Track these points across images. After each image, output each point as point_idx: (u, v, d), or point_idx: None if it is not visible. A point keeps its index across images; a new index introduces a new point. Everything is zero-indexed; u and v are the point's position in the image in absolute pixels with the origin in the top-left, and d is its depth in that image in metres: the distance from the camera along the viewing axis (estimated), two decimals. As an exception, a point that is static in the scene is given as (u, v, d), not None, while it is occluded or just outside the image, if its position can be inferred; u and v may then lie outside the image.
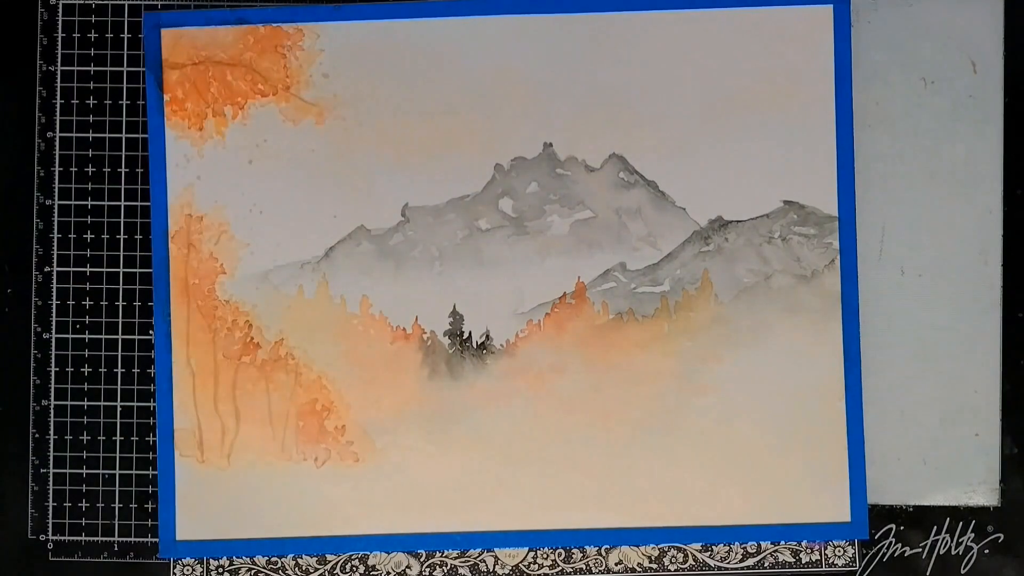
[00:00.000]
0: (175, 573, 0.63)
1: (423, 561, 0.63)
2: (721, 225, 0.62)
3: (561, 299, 0.62)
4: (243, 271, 0.62)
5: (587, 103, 0.62)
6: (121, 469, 0.64)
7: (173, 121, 0.62)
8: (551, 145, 0.62)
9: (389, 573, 0.63)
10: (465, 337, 0.62)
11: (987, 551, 0.63)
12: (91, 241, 0.64)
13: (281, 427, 0.62)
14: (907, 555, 0.63)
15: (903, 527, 0.63)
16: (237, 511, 0.62)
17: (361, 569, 0.63)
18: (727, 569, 0.63)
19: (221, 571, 0.63)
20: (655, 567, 0.63)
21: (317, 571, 0.63)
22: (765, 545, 0.62)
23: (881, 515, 0.63)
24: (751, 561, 0.63)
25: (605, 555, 0.63)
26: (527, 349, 0.62)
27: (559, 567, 0.63)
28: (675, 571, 0.63)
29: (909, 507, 0.63)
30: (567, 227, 0.62)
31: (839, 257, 0.62)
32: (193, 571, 0.63)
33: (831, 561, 0.63)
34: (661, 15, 0.62)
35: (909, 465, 0.62)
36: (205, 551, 0.62)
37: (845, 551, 0.63)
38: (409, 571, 0.63)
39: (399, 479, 0.62)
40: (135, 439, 0.64)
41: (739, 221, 0.62)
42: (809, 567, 0.63)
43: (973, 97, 0.62)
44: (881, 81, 0.62)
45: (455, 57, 0.62)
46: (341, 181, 0.62)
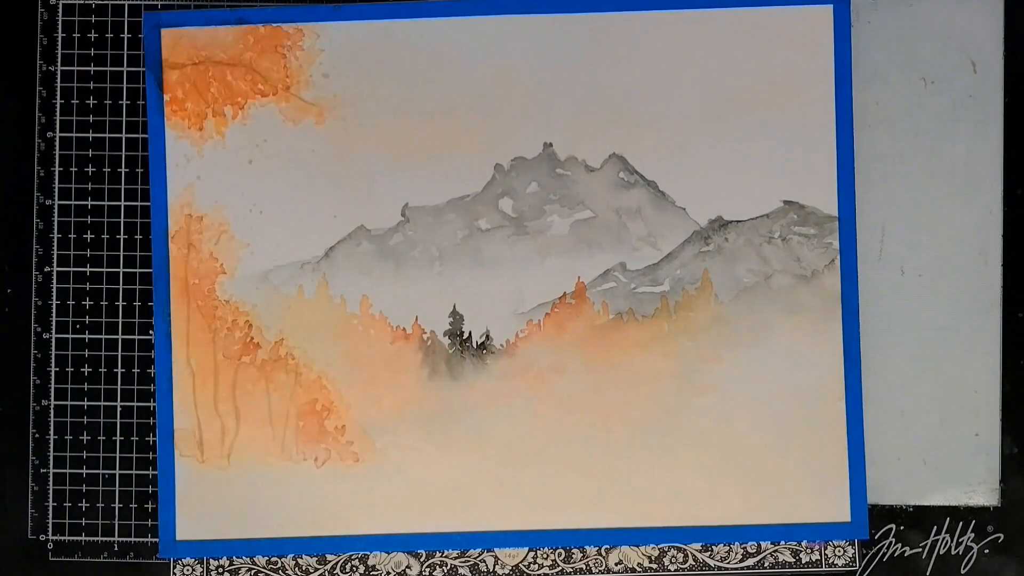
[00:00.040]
0: (175, 573, 0.63)
1: (423, 561, 0.63)
2: (721, 225, 0.62)
3: (561, 299, 0.62)
4: (243, 271, 0.62)
5: (587, 103, 0.62)
6: (121, 469, 0.64)
7: (173, 121, 0.62)
8: (551, 145, 0.62)
9: (389, 573, 0.63)
10: (465, 337, 0.62)
11: (987, 551, 0.63)
12: (91, 241, 0.64)
13: (281, 427, 0.62)
14: (907, 555, 0.63)
15: (903, 527, 0.63)
16: (237, 511, 0.62)
17: (361, 569, 0.63)
18: (727, 569, 0.63)
19: (221, 571, 0.63)
20: (655, 567, 0.63)
21: (317, 571, 0.63)
22: (765, 545, 0.62)
23: (881, 515, 0.63)
24: (751, 561, 0.63)
25: (605, 555, 0.63)
26: (527, 349, 0.62)
27: (559, 567, 0.63)
28: (675, 571, 0.63)
29: (909, 507, 0.63)
30: (567, 227, 0.62)
31: (839, 257, 0.62)
32: (193, 571, 0.63)
33: (831, 561, 0.63)
34: (661, 15, 0.62)
35: (909, 465, 0.62)
36: (205, 551, 0.62)
37: (845, 551, 0.63)
38: (409, 571, 0.63)
39: (399, 479, 0.62)
40: (135, 439, 0.64)
41: (739, 221, 0.62)
42: (809, 567, 0.63)
43: (973, 97, 0.62)
44: (881, 81, 0.62)
45: (455, 57, 0.62)
46: (341, 181, 0.62)
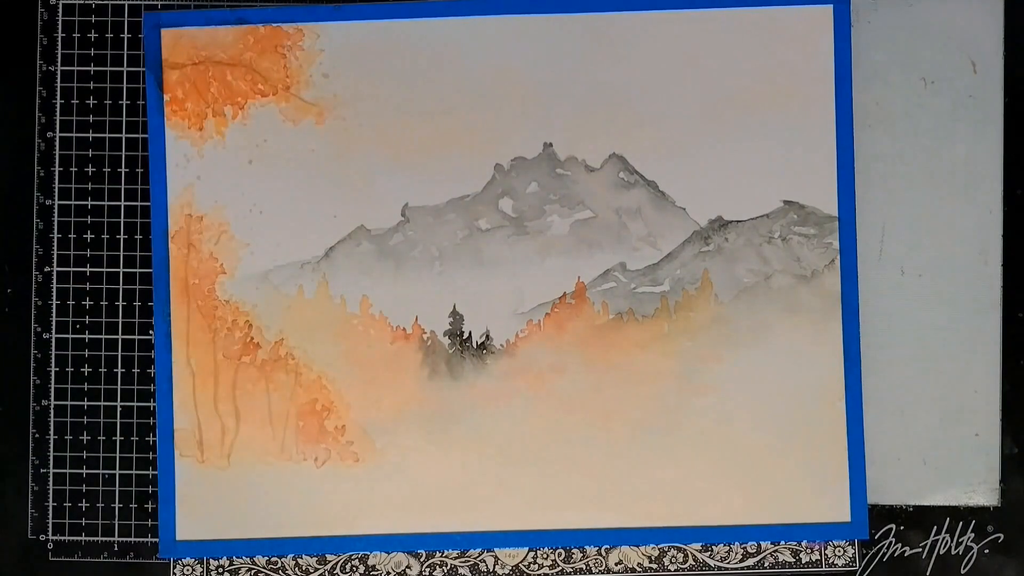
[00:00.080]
0: (175, 573, 0.63)
1: (423, 561, 0.63)
2: (721, 225, 0.62)
3: (561, 299, 0.62)
4: (243, 271, 0.62)
5: (587, 103, 0.62)
6: (121, 469, 0.64)
7: (173, 121, 0.62)
8: (551, 145, 0.62)
9: (389, 573, 0.63)
10: (465, 337, 0.62)
11: (987, 551, 0.63)
12: (91, 241, 0.64)
13: (281, 427, 0.62)
14: (907, 555, 0.63)
15: (903, 527, 0.63)
16: (237, 511, 0.62)
17: (361, 569, 0.63)
18: (727, 569, 0.63)
19: (221, 571, 0.63)
20: (655, 567, 0.63)
21: (317, 571, 0.63)
22: (765, 545, 0.62)
23: (881, 515, 0.63)
24: (751, 561, 0.63)
25: (605, 555, 0.63)
26: (527, 349, 0.62)
27: (559, 567, 0.63)
28: (675, 571, 0.63)
29: (909, 507, 0.63)
30: (567, 227, 0.62)
31: (839, 257, 0.62)
32: (193, 571, 0.63)
33: (831, 561, 0.63)
34: (661, 15, 0.62)
35: (909, 465, 0.62)
36: (205, 551, 0.62)
37: (845, 551, 0.63)
38: (409, 571, 0.63)
39: (399, 479, 0.62)
40: (135, 439, 0.64)
41: (739, 221, 0.62)
42: (809, 567, 0.63)
43: (973, 97, 0.62)
44: (881, 81, 0.62)
45: (455, 57, 0.62)
46: (341, 181, 0.62)
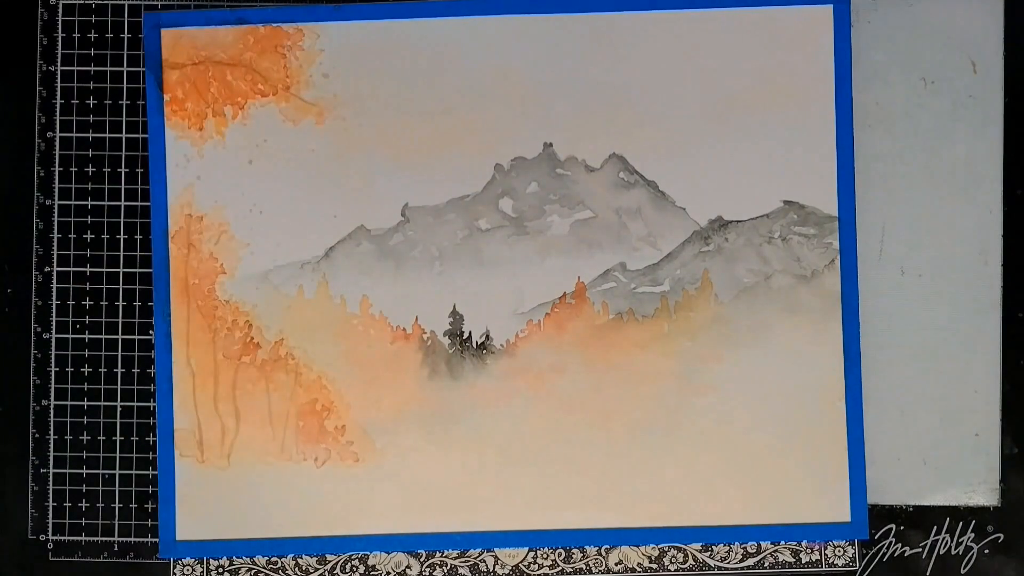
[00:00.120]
0: (175, 573, 0.63)
1: (423, 561, 0.63)
2: (721, 225, 0.62)
3: (561, 299, 0.62)
4: (243, 271, 0.62)
5: (587, 103, 0.62)
6: (121, 469, 0.64)
7: (173, 121, 0.62)
8: (551, 145, 0.62)
9: (389, 573, 0.63)
10: (465, 337, 0.62)
11: (987, 551, 0.63)
12: (91, 241, 0.64)
13: (281, 427, 0.62)
14: (907, 555, 0.63)
15: (903, 527, 0.63)
16: (237, 511, 0.62)
17: (361, 569, 0.63)
18: (727, 569, 0.63)
19: (221, 571, 0.63)
20: (655, 567, 0.63)
21: (317, 571, 0.63)
22: (765, 545, 0.62)
23: (881, 515, 0.63)
24: (751, 561, 0.63)
25: (605, 555, 0.63)
26: (527, 349, 0.62)
27: (559, 567, 0.63)
28: (675, 571, 0.63)
29: (909, 507, 0.63)
30: (567, 227, 0.62)
31: (839, 257, 0.62)
32: (193, 571, 0.63)
33: (831, 561, 0.63)
34: (661, 15, 0.62)
35: (909, 465, 0.62)
36: (205, 551, 0.62)
37: (845, 551, 0.63)
38: (409, 571, 0.63)
39: (399, 479, 0.62)
40: (135, 439, 0.64)
41: (739, 221, 0.62)
42: (809, 567, 0.63)
43: (973, 97, 0.62)
44: (881, 81, 0.62)
45: (455, 57, 0.62)
46: (341, 181, 0.62)
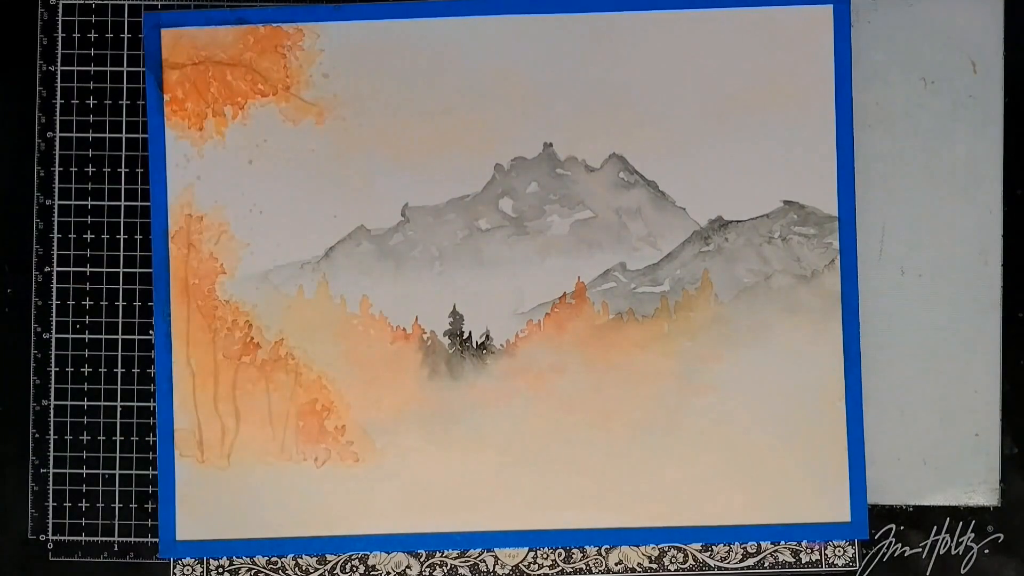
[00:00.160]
0: (175, 573, 0.63)
1: (423, 561, 0.63)
2: (721, 225, 0.62)
3: (561, 299, 0.62)
4: (243, 271, 0.62)
5: (587, 103, 0.62)
6: (121, 469, 0.64)
7: (173, 121, 0.62)
8: (551, 145, 0.62)
9: (389, 573, 0.63)
10: (465, 337, 0.62)
11: (987, 551, 0.63)
12: (91, 241, 0.64)
13: (281, 427, 0.62)
14: (907, 555, 0.63)
15: (903, 527, 0.63)
16: (237, 511, 0.62)
17: (361, 569, 0.63)
18: (727, 569, 0.63)
19: (221, 571, 0.63)
20: (655, 567, 0.63)
21: (317, 571, 0.63)
22: (765, 545, 0.62)
23: (881, 515, 0.63)
24: (751, 561, 0.63)
25: (605, 555, 0.63)
26: (527, 349, 0.62)
27: (559, 567, 0.63)
28: (675, 571, 0.63)
29: (909, 507, 0.63)
30: (567, 227, 0.62)
31: (839, 257, 0.62)
32: (193, 571, 0.63)
33: (831, 561, 0.63)
34: (661, 15, 0.62)
35: (909, 465, 0.62)
36: (205, 551, 0.62)
37: (845, 551, 0.63)
38: (409, 571, 0.63)
39: (399, 479, 0.62)
40: (135, 439, 0.64)
41: (739, 221, 0.62)
42: (809, 567, 0.63)
43: (973, 97, 0.62)
44: (881, 81, 0.62)
45: (455, 57, 0.62)
46: (341, 181, 0.62)
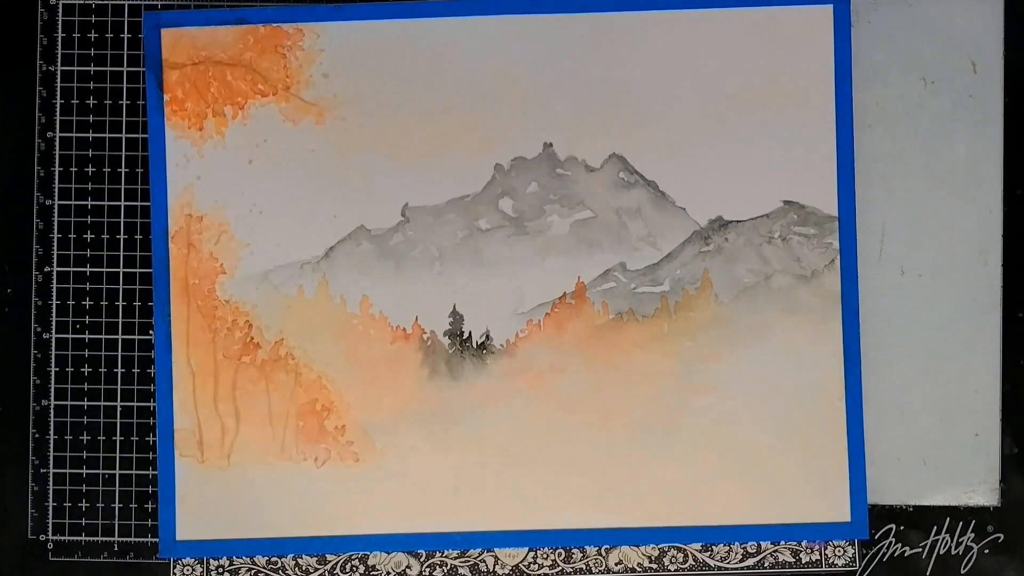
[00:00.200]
0: (175, 573, 0.63)
1: (423, 561, 0.63)
2: (721, 225, 0.62)
3: (561, 299, 0.62)
4: (243, 271, 0.62)
5: (587, 103, 0.62)
6: (121, 469, 0.64)
7: (173, 121, 0.62)
8: (551, 145, 0.62)
9: (389, 573, 0.63)
10: (465, 337, 0.62)
11: (987, 551, 0.63)
12: (91, 241, 0.64)
13: (281, 427, 0.62)
14: (907, 555, 0.63)
15: (903, 527, 0.63)
16: (237, 511, 0.62)
17: (361, 569, 0.63)
18: (727, 569, 0.63)
19: (221, 571, 0.63)
20: (655, 567, 0.63)
21: (317, 571, 0.63)
22: (765, 545, 0.62)
23: (881, 515, 0.63)
24: (751, 561, 0.63)
25: (605, 555, 0.63)
26: (527, 349, 0.62)
27: (559, 567, 0.63)
28: (675, 571, 0.63)
29: (909, 507, 0.63)
30: (567, 227, 0.62)
31: (839, 257, 0.62)
32: (193, 571, 0.63)
33: (831, 561, 0.63)
34: (661, 15, 0.62)
35: (909, 465, 0.62)
36: (205, 551, 0.62)
37: (845, 551, 0.63)
38: (409, 571, 0.63)
39: (399, 479, 0.62)
40: (135, 439, 0.64)
41: (739, 221, 0.62)
42: (809, 567, 0.63)
43: (973, 97, 0.62)
44: (881, 81, 0.62)
45: (455, 57, 0.62)
46: (341, 181, 0.62)
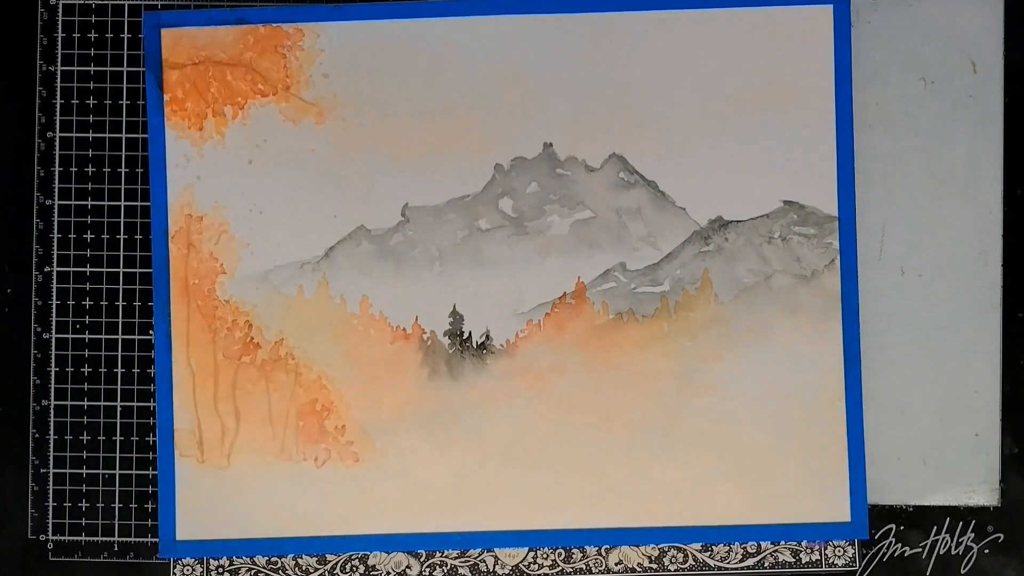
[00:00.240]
0: (175, 573, 0.63)
1: (423, 561, 0.63)
2: (721, 225, 0.62)
3: (561, 299, 0.62)
4: (243, 271, 0.62)
5: (587, 103, 0.62)
6: (121, 469, 0.64)
7: (173, 121, 0.62)
8: (551, 145, 0.62)
9: (389, 573, 0.63)
10: (465, 337, 0.62)
11: (987, 551, 0.63)
12: (91, 241, 0.64)
13: (281, 427, 0.62)
14: (907, 555, 0.63)
15: (903, 527, 0.63)
16: (237, 511, 0.62)
17: (361, 569, 0.63)
18: (727, 569, 0.63)
19: (221, 571, 0.63)
20: (655, 567, 0.63)
21: (317, 571, 0.63)
22: (765, 545, 0.62)
23: (881, 515, 0.63)
24: (751, 561, 0.63)
25: (605, 555, 0.63)
26: (527, 349, 0.62)
27: (559, 567, 0.63)
28: (675, 571, 0.63)
29: (909, 507, 0.63)
30: (567, 227, 0.62)
31: (839, 257, 0.62)
32: (193, 571, 0.63)
33: (831, 561, 0.63)
34: (661, 15, 0.62)
35: (909, 465, 0.62)
36: (205, 551, 0.62)
37: (845, 551, 0.63)
38: (409, 571, 0.63)
39: (399, 479, 0.62)
40: (135, 439, 0.64)
41: (739, 221, 0.62)
42: (809, 567, 0.63)
43: (973, 97, 0.62)
44: (881, 81, 0.62)
45: (455, 57, 0.62)
46: (341, 181, 0.62)
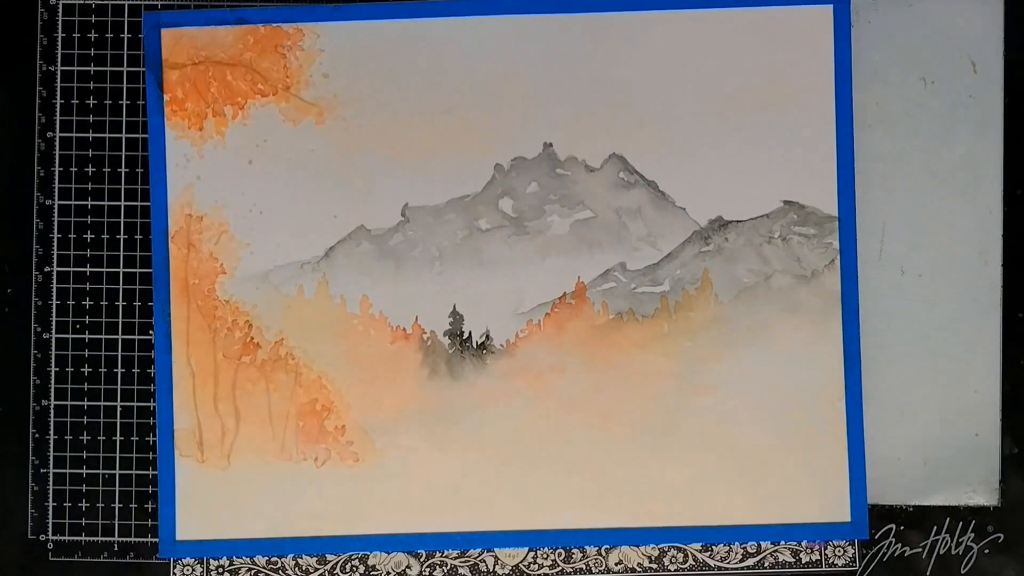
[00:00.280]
0: (175, 573, 0.63)
1: (423, 561, 0.63)
2: (721, 225, 0.62)
3: (561, 299, 0.62)
4: (243, 271, 0.62)
5: (587, 103, 0.62)
6: (121, 469, 0.64)
7: (173, 121, 0.62)
8: (551, 145, 0.62)
9: (389, 573, 0.63)
10: (465, 337, 0.62)
11: (987, 551, 0.63)
12: (91, 241, 0.64)
13: (281, 427, 0.62)
14: (907, 555, 0.63)
15: (903, 527, 0.63)
16: (237, 511, 0.62)
17: (361, 569, 0.63)
18: (727, 569, 0.63)
19: (221, 571, 0.63)
20: (655, 567, 0.63)
21: (317, 571, 0.63)
22: (765, 545, 0.62)
23: (881, 515, 0.63)
24: (751, 561, 0.63)
25: (605, 555, 0.63)
26: (527, 349, 0.62)
27: (559, 567, 0.63)
28: (675, 571, 0.63)
29: (909, 507, 0.63)
30: (567, 227, 0.62)
31: (839, 257, 0.62)
32: (193, 571, 0.63)
33: (831, 561, 0.63)
34: (661, 15, 0.62)
35: (909, 465, 0.62)
36: (205, 551, 0.62)
37: (845, 551, 0.63)
38: (409, 571, 0.63)
39: (399, 479, 0.62)
40: (135, 439, 0.64)
41: (739, 221, 0.62)
42: (809, 567, 0.63)
43: (973, 97, 0.62)
44: (881, 81, 0.62)
45: (455, 57, 0.62)
46: (341, 181, 0.62)
